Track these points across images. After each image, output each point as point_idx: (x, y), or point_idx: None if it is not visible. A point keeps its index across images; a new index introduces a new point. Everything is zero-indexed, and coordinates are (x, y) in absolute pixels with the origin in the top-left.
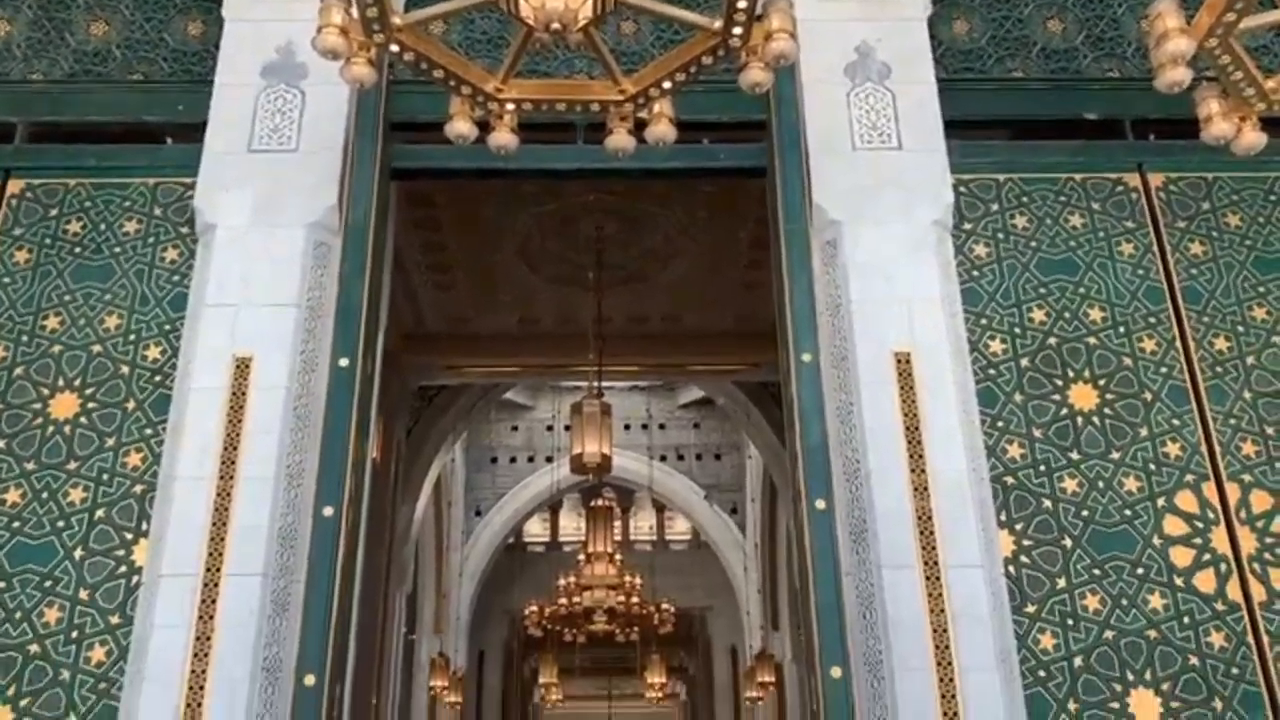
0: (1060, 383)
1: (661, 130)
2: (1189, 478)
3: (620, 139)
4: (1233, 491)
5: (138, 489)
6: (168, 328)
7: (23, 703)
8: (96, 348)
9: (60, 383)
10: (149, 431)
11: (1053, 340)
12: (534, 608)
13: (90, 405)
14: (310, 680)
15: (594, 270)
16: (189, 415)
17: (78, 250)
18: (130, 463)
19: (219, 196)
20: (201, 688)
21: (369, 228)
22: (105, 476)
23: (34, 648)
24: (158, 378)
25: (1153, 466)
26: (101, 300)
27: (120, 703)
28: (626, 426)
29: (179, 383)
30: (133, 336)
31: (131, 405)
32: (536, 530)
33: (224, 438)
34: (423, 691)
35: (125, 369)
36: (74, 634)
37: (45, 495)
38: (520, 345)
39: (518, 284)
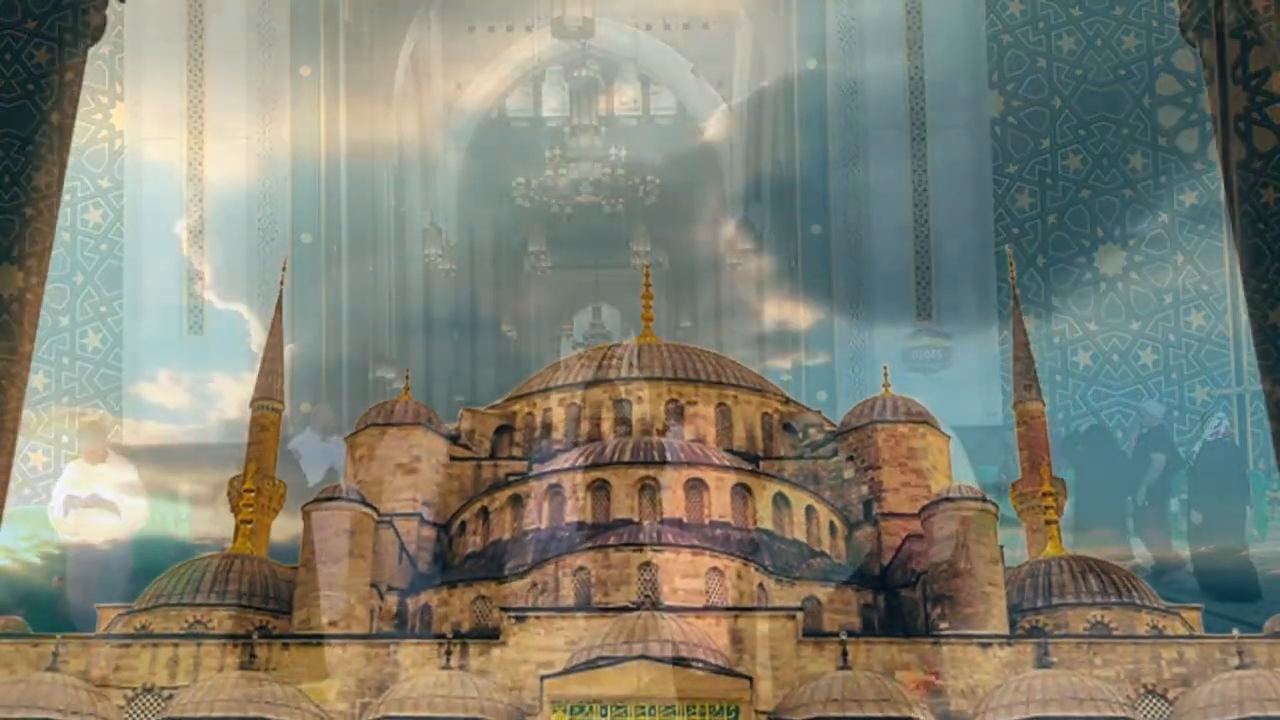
0: None
1: None
2: (1190, 34)
3: None
4: (1233, 47)
5: None
6: None
7: (29, 263)
8: None
9: None
10: None
11: None
12: (520, 179)
13: None
14: (307, 238)
15: None
16: None
17: None
18: None
19: None
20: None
21: None
22: None
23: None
24: None
25: (1154, 23)
26: None
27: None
28: None
29: None
30: None
31: None
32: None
33: None
34: (417, 263)
35: None
36: (65, 196)
37: None
38: None
39: None
